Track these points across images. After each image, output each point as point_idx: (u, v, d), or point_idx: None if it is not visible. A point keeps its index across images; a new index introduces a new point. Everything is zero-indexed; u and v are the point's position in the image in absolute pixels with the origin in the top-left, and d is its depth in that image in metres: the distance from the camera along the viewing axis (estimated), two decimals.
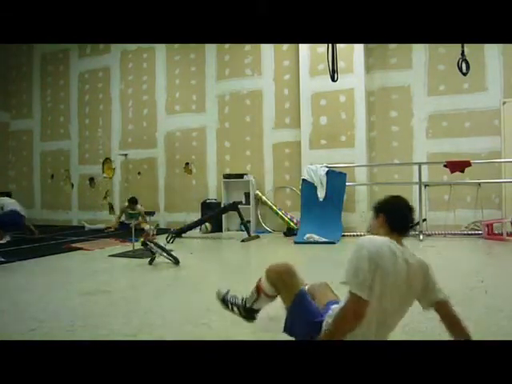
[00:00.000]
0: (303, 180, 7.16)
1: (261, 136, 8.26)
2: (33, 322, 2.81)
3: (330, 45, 5.49)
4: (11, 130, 10.88)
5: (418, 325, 2.61)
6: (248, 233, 6.99)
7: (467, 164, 6.50)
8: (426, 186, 6.96)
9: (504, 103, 6.79)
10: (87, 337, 2.51)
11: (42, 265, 5.12)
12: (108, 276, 4.48)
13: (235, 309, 2.31)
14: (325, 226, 6.75)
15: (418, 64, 7.40)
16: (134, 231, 5.87)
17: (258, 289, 2.17)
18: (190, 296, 2.85)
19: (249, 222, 7.66)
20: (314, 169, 7.08)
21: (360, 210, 7.37)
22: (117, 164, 9.54)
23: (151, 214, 6.50)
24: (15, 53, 10.68)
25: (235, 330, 2.61)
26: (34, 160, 10.57)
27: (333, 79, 5.67)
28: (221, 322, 2.78)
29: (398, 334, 2.43)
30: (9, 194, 8.42)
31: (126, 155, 9.35)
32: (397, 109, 7.55)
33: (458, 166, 6.54)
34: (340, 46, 7.28)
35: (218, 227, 8.05)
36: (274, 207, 7.78)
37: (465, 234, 6.84)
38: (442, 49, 7.17)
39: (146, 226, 6.80)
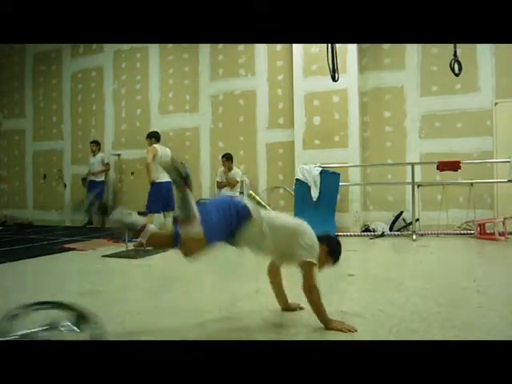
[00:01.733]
0: (297, 180, 7.17)
1: (254, 136, 8.26)
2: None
3: (330, 45, 5.48)
4: (3, 130, 10.80)
5: (409, 324, 2.62)
6: None
7: (457, 164, 6.55)
8: (419, 186, 6.99)
9: (496, 104, 6.85)
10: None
11: (34, 265, 5.08)
12: (101, 276, 4.45)
13: None
14: (318, 226, 6.66)
15: (411, 65, 7.43)
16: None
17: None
18: (184, 296, 2.84)
19: None
20: (308, 169, 7.09)
21: (353, 210, 7.39)
22: (110, 164, 9.49)
23: (144, 213, 6.47)
24: (7, 52, 10.60)
25: (231, 330, 2.60)
26: (27, 160, 10.49)
27: (334, 79, 5.65)
28: (216, 322, 2.77)
29: (388, 335, 2.44)
30: None
31: (119, 155, 9.32)
32: (390, 109, 7.59)
33: (447, 166, 6.60)
34: None
35: None
36: (268, 207, 7.77)
37: (457, 234, 6.88)
38: (434, 49, 7.22)
39: None
